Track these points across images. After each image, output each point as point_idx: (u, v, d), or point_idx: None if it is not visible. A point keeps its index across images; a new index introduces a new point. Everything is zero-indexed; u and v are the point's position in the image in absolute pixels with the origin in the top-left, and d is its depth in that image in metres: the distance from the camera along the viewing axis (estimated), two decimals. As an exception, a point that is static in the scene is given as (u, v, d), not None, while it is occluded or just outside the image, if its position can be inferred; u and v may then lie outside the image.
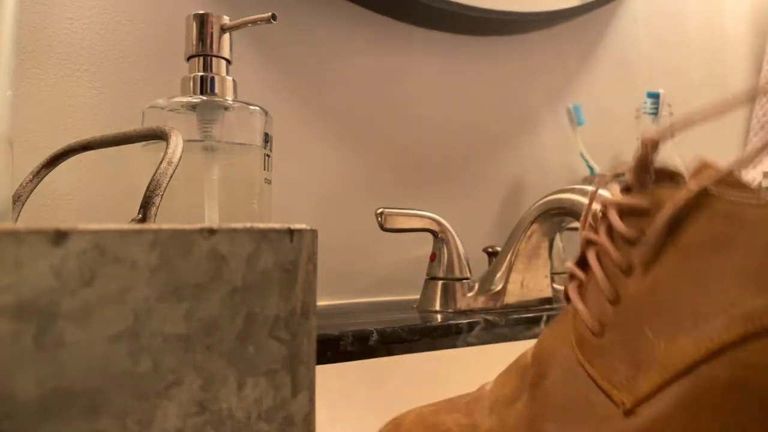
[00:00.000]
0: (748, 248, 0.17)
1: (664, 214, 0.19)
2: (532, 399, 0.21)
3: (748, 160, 0.21)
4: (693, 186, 0.19)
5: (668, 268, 0.19)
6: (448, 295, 0.48)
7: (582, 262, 0.24)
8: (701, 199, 0.19)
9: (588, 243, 0.23)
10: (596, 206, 0.23)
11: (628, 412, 0.18)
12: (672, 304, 0.18)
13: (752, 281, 0.17)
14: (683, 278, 0.19)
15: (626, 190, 0.22)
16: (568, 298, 0.24)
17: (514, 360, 0.26)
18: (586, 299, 0.22)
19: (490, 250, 0.56)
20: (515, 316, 0.44)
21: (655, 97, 0.70)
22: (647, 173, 0.22)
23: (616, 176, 0.23)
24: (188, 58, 0.40)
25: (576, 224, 0.47)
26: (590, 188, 0.45)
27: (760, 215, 0.18)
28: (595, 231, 0.23)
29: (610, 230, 0.22)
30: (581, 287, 0.23)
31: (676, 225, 0.19)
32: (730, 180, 0.19)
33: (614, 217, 0.21)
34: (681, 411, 0.17)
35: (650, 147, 0.22)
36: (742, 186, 0.19)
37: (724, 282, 0.17)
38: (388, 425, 0.28)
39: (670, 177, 0.21)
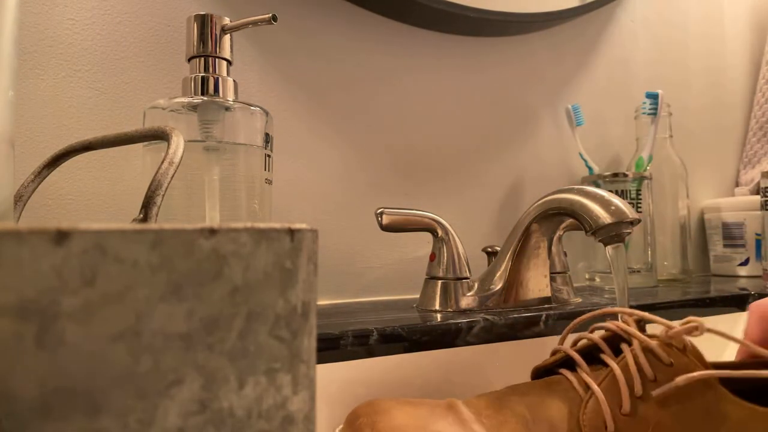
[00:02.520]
0: (724, 423, 0.29)
1: (680, 380, 0.29)
2: None
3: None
4: (702, 372, 0.29)
5: (672, 412, 0.29)
6: (447, 294, 0.48)
7: (593, 357, 0.33)
8: (706, 381, 0.29)
9: (615, 353, 0.32)
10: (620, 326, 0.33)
11: None
12: None
13: None
14: (682, 424, 0.29)
15: (653, 336, 0.32)
16: (561, 366, 0.33)
17: (495, 398, 0.32)
18: (608, 398, 0.30)
19: (489, 249, 0.57)
20: (514, 316, 0.45)
21: (653, 97, 0.70)
22: (682, 344, 0.31)
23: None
24: (189, 59, 0.40)
25: (570, 221, 0.47)
26: (590, 189, 0.45)
27: (735, 408, 0.30)
28: (615, 348, 0.32)
29: (636, 361, 0.30)
30: (602, 385, 0.31)
31: (685, 389, 0.29)
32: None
33: (641, 354, 0.30)
34: None
35: (695, 330, 0.30)
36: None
37: None
38: (360, 420, 0.29)
39: (685, 350, 0.31)
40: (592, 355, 0.33)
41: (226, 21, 0.40)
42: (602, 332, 0.33)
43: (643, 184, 0.67)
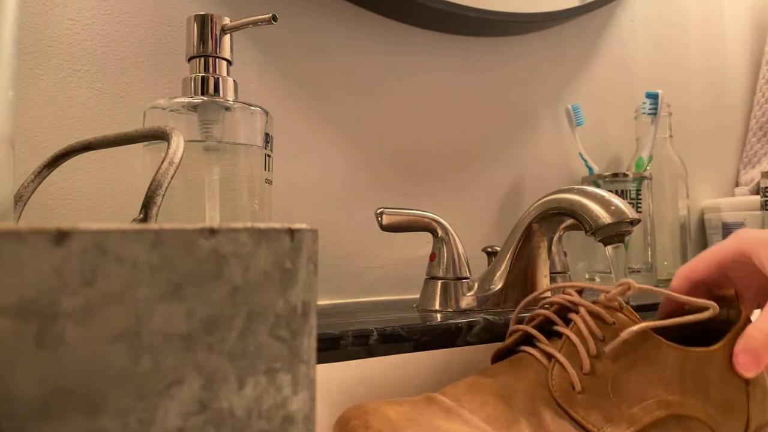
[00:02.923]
0: (664, 367, 0.33)
1: (624, 334, 0.33)
2: (538, 427, 0.31)
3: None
4: (640, 324, 0.33)
5: (623, 364, 0.33)
6: (447, 294, 0.48)
7: (548, 331, 0.36)
8: (643, 332, 0.33)
9: (567, 323, 0.35)
10: (566, 298, 0.36)
11: None
12: (626, 385, 0.33)
13: (665, 385, 0.33)
14: (632, 373, 0.33)
15: (595, 302, 0.35)
16: (520, 345, 0.37)
17: (468, 385, 0.34)
18: (570, 362, 0.33)
19: (489, 249, 0.57)
20: (515, 316, 0.44)
21: (653, 97, 0.70)
22: (618, 303, 0.35)
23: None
24: (189, 59, 0.40)
25: (570, 220, 0.47)
26: (590, 189, 0.45)
27: (670, 352, 0.34)
28: (565, 317, 0.36)
29: (586, 325, 0.34)
30: (562, 351, 0.34)
31: (629, 341, 0.33)
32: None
33: (589, 318, 0.34)
34: None
35: (628, 290, 0.34)
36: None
37: (653, 382, 0.33)
38: (352, 422, 0.29)
39: (621, 309, 0.35)
40: (544, 329, 0.36)
41: (226, 21, 0.40)
42: (552, 307, 0.37)
43: (643, 184, 0.67)
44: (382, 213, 0.45)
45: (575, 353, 0.33)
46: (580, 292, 0.37)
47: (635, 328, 0.33)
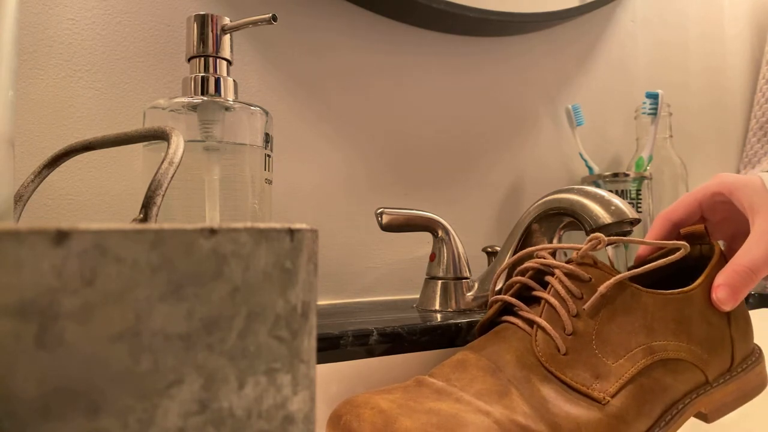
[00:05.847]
0: (644, 314, 0.34)
1: (602, 289, 0.33)
2: (530, 394, 0.31)
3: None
4: (616, 276, 0.34)
5: (604, 318, 0.33)
6: (447, 294, 0.48)
7: (527, 297, 0.36)
8: (620, 283, 0.34)
9: (544, 288, 0.36)
10: (541, 263, 0.36)
11: (606, 403, 0.31)
12: (610, 340, 0.33)
13: (648, 331, 0.34)
14: (613, 325, 0.33)
15: (569, 261, 0.36)
16: (501, 315, 0.37)
17: (456, 362, 0.34)
18: (552, 325, 0.33)
19: (489, 249, 0.57)
20: (515, 316, 0.44)
21: (653, 97, 0.70)
22: (591, 259, 0.35)
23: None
24: (189, 59, 0.40)
25: (570, 220, 0.47)
26: (590, 189, 0.45)
27: (649, 298, 0.35)
28: (543, 283, 0.36)
29: (563, 286, 0.34)
30: (543, 316, 0.34)
31: (607, 295, 0.34)
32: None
33: (565, 279, 0.34)
34: (632, 400, 0.32)
35: (598, 244, 0.35)
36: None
37: (635, 331, 0.34)
38: (344, 418, 0.29)
39: (596, 264, 0.35)
40: (523, 296, 0.37)
41: (226, 21, 0.40)
42: (527, 272, 0.37)
43: (643, 184, 0.67)
44: (382, 213, 0.45)
45: (556, 316, 0.33)
46: (553, 254, 0.37)
47: (611, 280, 0.33)
